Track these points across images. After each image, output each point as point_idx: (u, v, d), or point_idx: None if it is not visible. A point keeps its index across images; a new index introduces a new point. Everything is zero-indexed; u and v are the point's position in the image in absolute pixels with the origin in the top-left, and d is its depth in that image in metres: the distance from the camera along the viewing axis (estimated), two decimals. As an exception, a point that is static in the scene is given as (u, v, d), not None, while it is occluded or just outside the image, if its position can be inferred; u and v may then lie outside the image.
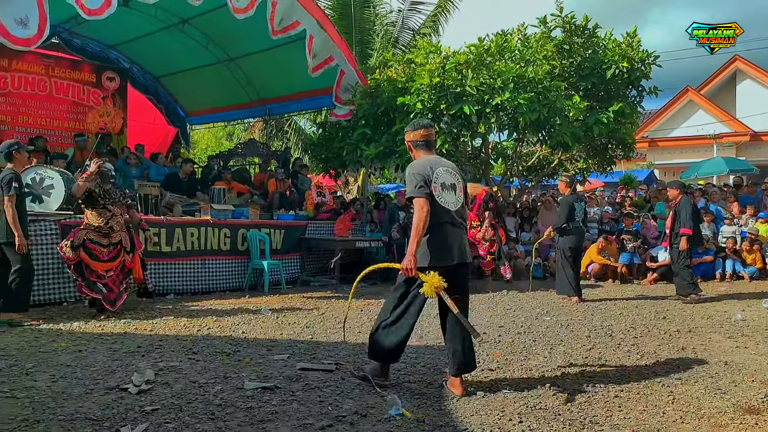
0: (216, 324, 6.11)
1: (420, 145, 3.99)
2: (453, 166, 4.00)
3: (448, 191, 3.83)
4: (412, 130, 4.05)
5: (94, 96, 12.59)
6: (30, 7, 7.00)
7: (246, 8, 8.84)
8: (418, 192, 3.74)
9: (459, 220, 3.87)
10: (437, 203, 3.76)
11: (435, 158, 3.96)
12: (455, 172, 3.95)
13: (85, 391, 3.70)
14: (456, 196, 3.87)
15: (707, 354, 5.02)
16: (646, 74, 11.06)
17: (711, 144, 20.97)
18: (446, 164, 3.96)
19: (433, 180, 3.77)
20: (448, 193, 3.83)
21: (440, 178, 3.81)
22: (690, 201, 8.25)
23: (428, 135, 4.01)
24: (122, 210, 6.56)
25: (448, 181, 3.85)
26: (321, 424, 3.22)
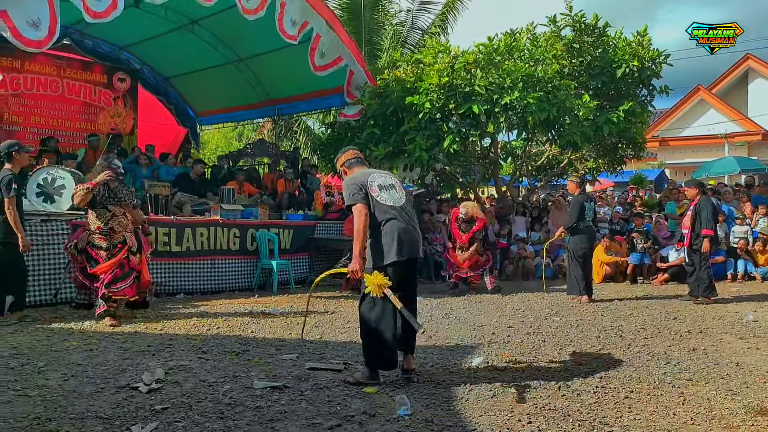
0: (225, 323, 6.13)
1: (353, 163, 4.27)
2: (388, 173, 4.31)
3: (388, 190, 4.04)
4: (341, 155, 4.38)
5: (105, 97, 12.68)
6: (41, 8, 7.07)
7: (256, 9, 8.87)
8: (353, 199, 3.94)
9: (405, 217, 4.01)
10: (379, 203, 3.95)
11: (368, 170, 4.27)
12: (391, 176, 4.22)
13: (96, 390, 3.73)
14: (398, 194, 4.08)
15: (718, 355, 4.98)
16: (656, 73, 10.99)
17: (722, 143, 20.81)
18: (380, 172, 4.27)
19: (368, 184, 3.98)
20: (387, 191, 4.02)
21: (376, 180, 4.04)
22: (710, 201, 8.07)
23: (357, 154, 4.36)
24: (127, 210, 6.10)
25: (386, 182, 4.08)
26: (329, 423, 3.22)
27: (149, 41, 12.06)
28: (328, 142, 12.10)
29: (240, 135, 26.88)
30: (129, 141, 12.75)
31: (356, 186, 3.98)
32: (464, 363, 4.62)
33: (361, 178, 4.04)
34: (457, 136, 9.56)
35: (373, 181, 4.02)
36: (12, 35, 6.87)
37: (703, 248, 7.81)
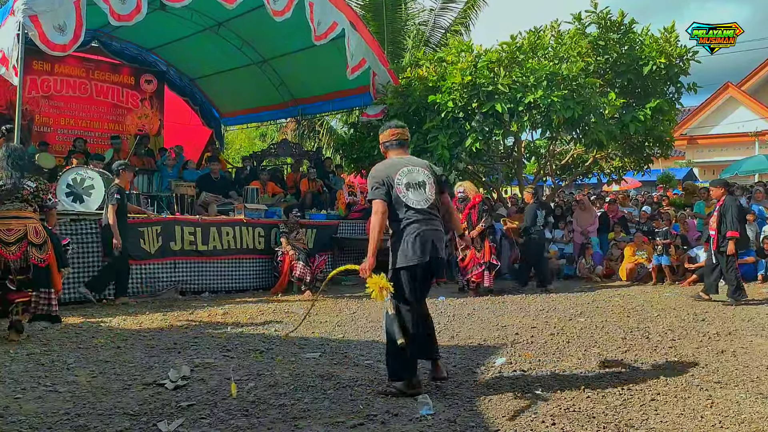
0: (249, 322, 6.19)
1: (391, 146, 3.98)
2: (423, 164, 3.94)
3: (416, 189, 3.78)
4: (383, 131, 4.06)
5: (132, 98, 12.90)
6: (69, 13, 7.24)
7: (283, 10, 8.95)
8: (373, 194, 3.78)
9: (429, 218, 3.79)
10: (403, 202, 3.75)
11: (401, 159, 3.92)
12: (425, 170, 3.88)
13: (124, 387, 3.80)
14: (425, 194, 3.80)
15: (748, 357, 4.88)
16: (684, 70, 10.80)
17: (753, 141, 20.35)
18: (415, 162, 3.93)
19: (395, 181, 3.76)
20: (415, 191, 3.78)
21: (404, 177, 3.79)
22: (735, 201, 7.93)
23: (400, 134, 3.99)
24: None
25: (415, 180, 3.81)
26: (352, 422, 3.24)
27: (175, 43, 12.24)
28: (350, 142, 12.13)
29: (263, 135, 27.10)
30: (156, 142, 12.96)
31: (379, 180, 3.77)
32: (487, 363, 4.60)
33: (388, 171, 3.80)
34: (480, 135, 9.51)
35: (401, 178, 3.77)
36: (39, 39, 7.05)
37: (728, 251, 7.65)
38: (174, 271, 8.15)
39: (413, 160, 3.97)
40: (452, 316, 6.71)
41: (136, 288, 7.80)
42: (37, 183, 5.19)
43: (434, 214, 3.85)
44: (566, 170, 12.76)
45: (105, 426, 3.13)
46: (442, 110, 9.55)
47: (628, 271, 10.46)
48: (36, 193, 5.14)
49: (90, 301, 7.08)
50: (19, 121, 7.57)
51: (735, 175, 17.47)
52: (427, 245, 3.74)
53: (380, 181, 3.77)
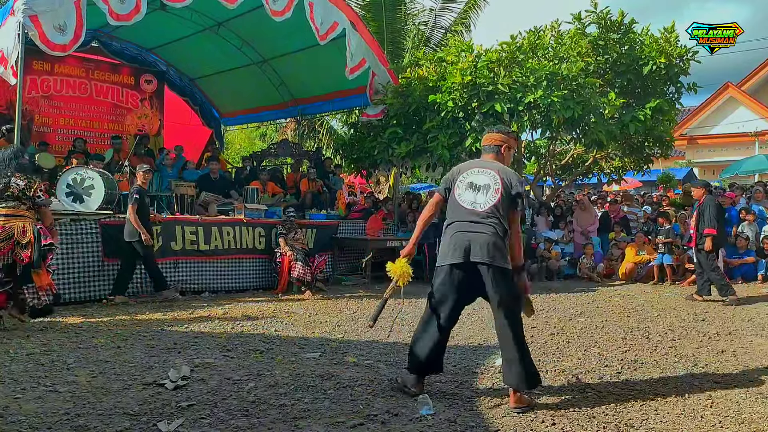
0: (249, 322, 6.20)
1: (485, 149, 3.90)
2: (498, 169, 3.71)
3: (473, 191, 3.67)
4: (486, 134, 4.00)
5: (132, 98, 12.90)
6: (69, 13, 7.23)
7: (283, 11, 8.94)
8: (438, 189, 3.91)
9: (477, 221, 3.59)
10: (456, 202, 3.70)
11: (478, 160, 3.93)
12: (497, 175, 3.67)
13: (124, 387, 3.80)
14: (485, 197, 3.63)
15: (748, 357, 4.88)
16: (684, 70, 10.81)
17: (753, 141, 20.36)
18: (488, 166, 3.76)
19: (459, 179, 3.74)
20: (473, 193, 3.67)
21: (469, 177, 3.72)
22: (714, 200, 8.09)
23: (489, 140, 3.89)
24: None
25: (479, 183, 3.68)
26: (352, 422, 3.24)
27: (175, 43, 12.24)
28: (350, 142, 12.13)
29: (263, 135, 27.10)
30: (156, 142, 12.95)
31: (447, 177, 3.85)
32: (487, 363, 4.61)
33: (454, 172, 3.82)
34: (480, 135, 9.49)
35: (465, 179, 3.72)
36: (40, 39, 7.05)
37: (705, 247, 7.80)
38: (174, 270, 8.15)
39: (488, 164, 3.80)
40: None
41: (137, 288, 7.80)
42: (26, 181, 5.36)
43: (485, 220, 3.59)
44: (566, 170, 12.77)
45: (105, 426, 3.13)
46: (442, 110, 9.55)
47: (628, 271, 10.47)
48: (23, 190, 5.32)
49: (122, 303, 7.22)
50: (19, 121, 7.57)
51: (735, 175, 17.47)
52: (462, 246, 3.56)
53: (447, 178, 3.85)
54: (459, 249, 3.56)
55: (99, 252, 7.42)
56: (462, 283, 3.61)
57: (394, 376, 4.10)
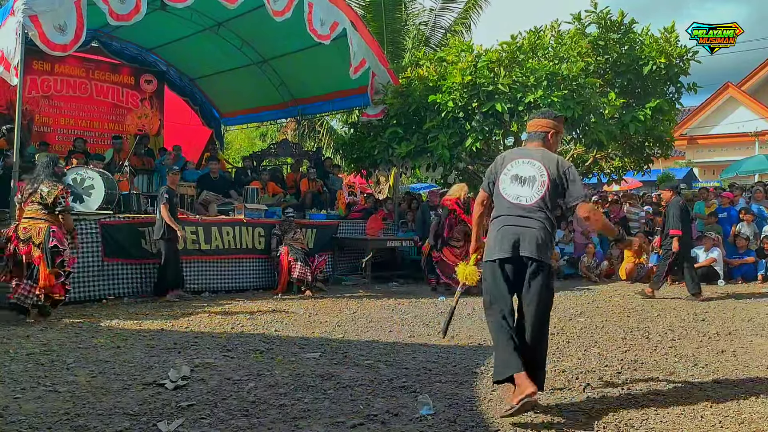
0: (249, 322, 6.20)
1: (530, 136, 3.72)
2: (543, 158, 3.51)
3: (518, 184, 3.48)
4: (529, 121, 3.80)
5: (132, 98, 12.90)
6: (69, 13, 7.22)
7: (283, 10, 8.95)
8: (482, 185, 3.72)
9: (523, 215, 3.43)
10: (500, 195, 3.53)
11: (522, 149, 3.72)
12: (543, 165, 3.48)
13: (123, 387, 3.80)
14: (531, 191, 3.45)
15: (748, 357, 4.88)
16: (684, 70, 10.81)
17: (753, 141, 20.35)
18: (535, 155, 3.55)
19: (503, 171, 3.54)
20: (519, 186, 3.48)
21: (513, 170, 3.52)
22: (679, 202, 8.37)
23: (537, 126, 3.69)
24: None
25: (524, 174, 3.49)
26: (352, 422, 3.24)
27: (175, 43, 12.24)
28: (350, 142, 12.13)
29: (263, 135, 27.11)
30: (156, 142, 12.96)
31: (490, 170, 3.66)
32: (487, 363, 4.60)
33: (501, 161, 3.62)
34: (480, 135, 9.51)
35: (509, 171, 3.53)
36: (40, 39, 7.05)
37: (674, 248, 8.10)
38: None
39: (535, 152, 3.58)
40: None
41: (136, 288, 7.81)
42: (49, 188, 5.88)
43: (532, 214, 3.44)
44: (566, 170, 12.73)
45: (105, 426, 3.13)
46: (442, 110, 9.55)
47: (628, 271, 10.47)
48: (44, 197, 5.86)
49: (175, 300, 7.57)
50: (19, 121, 7.57)
51: (735, 175, 17.47)
52: (510, 240, 3.41)
53: (491, 171, 3.65)
54: (507, 243, 3.41)
55: (99, 252, 7.42)
56: (510, 277, 3.47)
57: (394, 376, 4.10)
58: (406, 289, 9.20)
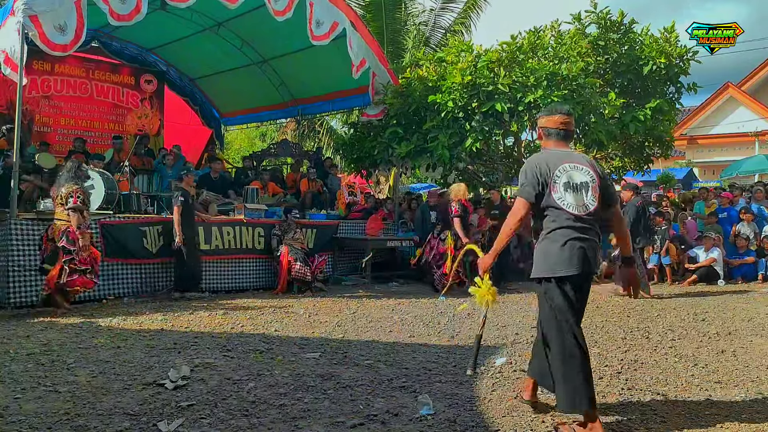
0: (249, 322, 6.20)
1: (552, 134, 3.35)
2: (586, 160, 3.31)
3: (576, 192, 3.19)
4: (547, 115, 3.39)
5: (132, 98, 12.90)
6: (69, 13, 7.23)
7: (284, 10, 8.95)
8: (521, 191, 3.23)
9: (587, 227, 3.18)
10: (557, 206, 3.17)
11: (562, 152, 3.31)
12: (589, 169, 3.26)
13: (123, 387, 3.80)
14: (587, 198, 3.20)
15: (748, 357, 4.88)
16: (684, 70, 10.81)
17: (753, 141, 20.35)
18: (577, 159, 3.31)
19: (553, 179, 3.18)
20: (574, 194, 3.18)
21: (563, 176, 3.20)
22: (635, 203, 8.47)
23: (566, 124, 3.34)
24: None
25: (577, 180, 3.21)
26: (352, 422, 3.24)
27: (175, 43, 12.24)
28: (350, 142, 12.14)
29: (263, 135, 27.11)
30: (156, 142, 12.96)
31: (533, 175, 3.20)
32: (487, 363, 4.60)
33: (541, 168, 3.21)
34: (480, 135, 9.51)
35: (560, 176, 3.19)
36: (40, 40, 7.05)
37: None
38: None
39: (575, 155, 3.36)
40: (452, 316, 6.71)
41: (136, 288, 7.81)
42: (68, 190, 6.42)
43: (590, 225, 3.20)
44: (566, 170, 12.75)
45: (105, 426, 3.13)
46: (442, 110, 9.55)
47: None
48: (62, 198, 6.40)
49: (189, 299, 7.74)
50: (20, 121, 7.57)
51: (735, 175, 17.47)
52: (578, 255, 3.13)
53: (533, 176, 3.20)
54: (576, 258, 3.12)
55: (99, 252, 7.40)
56: (576, 294, 3.18)
57: (394, 376, 4.10)
58: (406, 289, 9.20)
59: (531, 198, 3.19)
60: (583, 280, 3.19)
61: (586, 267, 3.14)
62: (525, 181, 3.23)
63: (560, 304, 3.15)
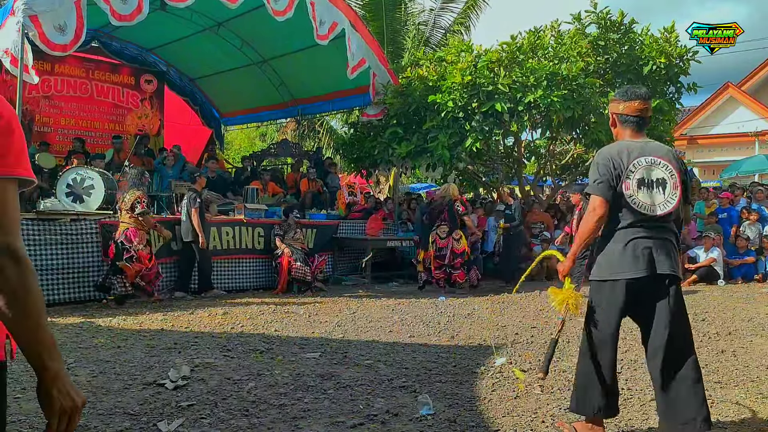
0: (249, 322, 6.20)
1: (629, 122, 3.01)
2: (666, 155, 2.98)
3: (650, 189, 2.90)
4: (623, 100, 3.01)
5: (132, 98, 12.90)
6: (69, 13, 7.23)
7: (285, 10, 8.95)
8: (595, 188, 2.92)
9: (659, 226, 2.92)
10: (629, 203, 2.89)
11: (640, 143, 2.98)
12: (669, 164, 2.94)
13: (124, 387, 3.80)
14: (664, 196, 2.90)
15: (748, 357, 4.88)
16: (684, 70, 10.81)
17: (753, 141, 20.35)
18: (655, 151, 2.97)
19: (627, 173, 2.89)
20: (648, 192, 2.90)
21: (638, 170, 2.90)
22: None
23: (644, 110, 3.00)
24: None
25: (654, 176, 2.91)
26: (352, 422, 3.24)
27: (175, 43, 12.24)
28: (350, 142, 12.13)
29: (263, 135, 27.10)
30: (156, 142, 12.96)
31: (607, 168, 2.91)
32: (487, 363, 4.60)
33: (616, 161, 2.92)
34: (480, 135, 9.51)
35: (635, 171, 2.89)
36: (40, 39, 7.05)
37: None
38: (174, 270, 8.15)
39: (652, 146, 3.01)
40: (452, 316, 6.71)
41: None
42: (130, 195, 7.11)
43: (665, 223, 2.94)
44: (566, 170, 12.76)
45: (105, 426, 3.13)
46: (442, 110, 9.55)
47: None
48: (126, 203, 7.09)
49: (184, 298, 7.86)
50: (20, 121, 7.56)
51: (735, 175, 17.46)
52: (644, 256, 2.86)
53: (608, 170, 2.91)
54: (642, 259, 2.86)
55: (99, 252, 7.41)
56: (633, 300, 2.93)
57: (394, 375, 4.10)
58: (406, 289, 9.20)
59: (609, 196, 2.89)
60: (646, 284, 2.88)
61: (652, 269, 2.85)
62: (599, 177, 2.92)
63: (608, 309, 2.93)
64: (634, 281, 2.86)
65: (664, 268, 2.86)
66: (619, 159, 2.91)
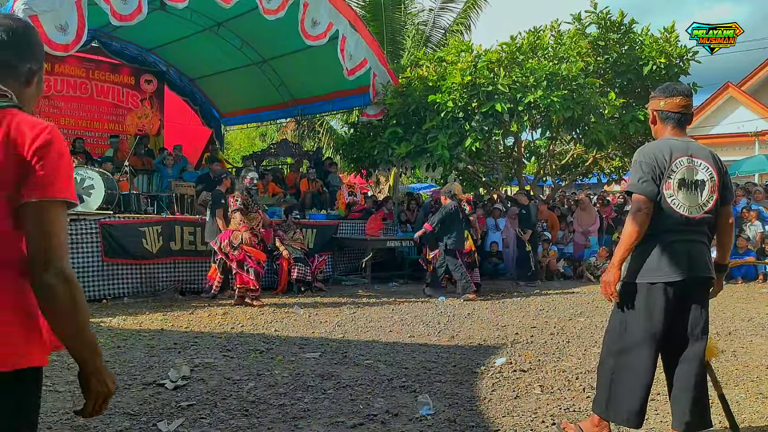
0: (249, 322, 6.20)
1: (670, 119, 2.87)
2: (706, 154, 2.87)
3: (690, 191, 2.78)
4: (664, 96, 2.87)
5: (132, 98, 12.89)
6: (70, 13, 7.23)
7: (277, 10, 8.95)
8: (638, 186, 2.77)
9: (696, 230, 2.81)
10: (667, 204, 2.76)
11: (682, 142, 2.85)
12: (709, 165, 2.83)
13: (124, 387, 3.80)
14: (702, 198, 2.79)
15: (748, 357, 4.88)
16: (684, 70, 10.83)
17: (753, 141, 20.36)
18: (696, 150, 2.85)
19: (668, 173, 2.76)
20: (688, 192, 2.78)
21: (680, 170, 2.78)
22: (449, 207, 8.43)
23: (687, 107, 2.88)
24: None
25: (694, 177, 2.79)
26: (352, 422, 3.24)
27: (175, 43, 12.23)
28: (350, 142, 12.14)
29: (263, 135, 27.10)
30: (156, 142, 12.95)
31: (650, 167, 2.77)
32: (487, 363, 4.60)
33: (660, 159, 2.78)
34: (480, 135, 9.52)
35: (675, 170, 2.77)
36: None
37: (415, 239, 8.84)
38: (174, 270, 8.15)
39: (693, 146, 2.88)
40: (452, 316, 6.71)
41: (137, 288, 7.80)
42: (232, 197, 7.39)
43: (701, 226, 2.83)
44: (566, 170, 12.78)
45: (105, 426, 3.13)
46: (442, 110, 9.56)
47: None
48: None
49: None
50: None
51: (735, 175, 17.46)
52: (683, 258, 2.76)
53: (651, 168, 2.77)
54: (680, 261, 2.75)
55: (99, 252, 7.41)
56: (673, 305, 2.80)
57: (394, 375, 4.10)
58: (406, 289, 9.20)
59: (654, 195, 2.75)
60: (682, 288, 2.79)
61: (692, 272, 2.77)
62: (643, 175, 2.77)
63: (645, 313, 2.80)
64: (672, 284, 2.76)
65: (702, 272, 2.80)
66: (662, 158, 2.79)
